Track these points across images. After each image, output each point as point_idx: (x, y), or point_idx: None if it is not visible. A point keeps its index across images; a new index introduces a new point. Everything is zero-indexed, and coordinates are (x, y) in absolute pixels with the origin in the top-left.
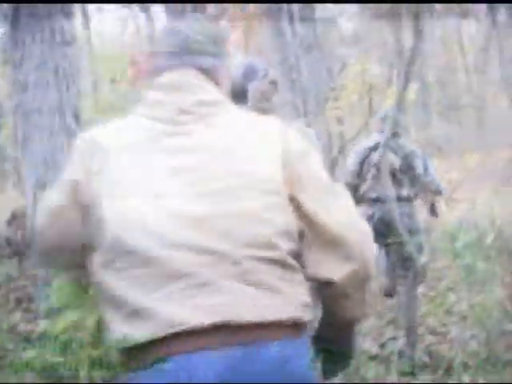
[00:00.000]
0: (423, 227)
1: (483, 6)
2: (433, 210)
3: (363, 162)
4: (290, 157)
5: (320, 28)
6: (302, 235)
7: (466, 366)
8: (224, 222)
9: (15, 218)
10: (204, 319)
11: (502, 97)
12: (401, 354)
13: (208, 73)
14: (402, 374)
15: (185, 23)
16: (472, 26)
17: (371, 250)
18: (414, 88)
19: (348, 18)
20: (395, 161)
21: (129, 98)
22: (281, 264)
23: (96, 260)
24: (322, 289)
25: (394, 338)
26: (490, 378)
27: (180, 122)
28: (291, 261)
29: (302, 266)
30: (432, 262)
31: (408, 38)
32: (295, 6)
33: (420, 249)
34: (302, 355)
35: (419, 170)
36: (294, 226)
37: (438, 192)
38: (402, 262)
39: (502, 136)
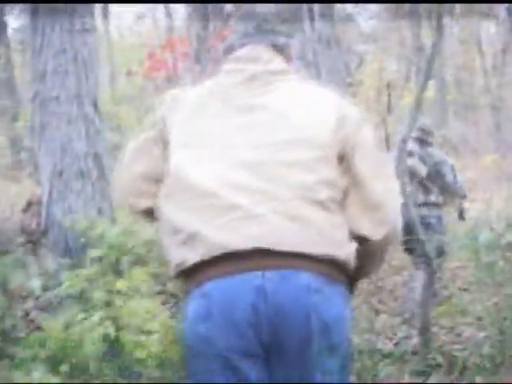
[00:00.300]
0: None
1: (503, 7)
2: (461, 215)
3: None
4: (345, 122)
5: (339, 25)
6: (345, 192)
7: (479, 368)
8: (277, 169)
9: (30, 207)
10: (247, 245)
11: None
12: (414, 353)
13: (279, 49)
14: (415, 373)
15: (261, 6)
16: (491, 27)
17: (400, 218)
18: (431, 86)
19: (367, 15)
20: (422, 169)
21: (145, 89)
22: (323, 206)
23: (161, 191)
24: (357, 242)
25: (407, 337)
26: (504, 381)
27: (248, 86)
28: (334, 206)
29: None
30: (447, 263)
31: (427, 36)
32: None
33: (441, 252)
34: (331, 292)
35: (448, 177)
36: (338, 179)
37: (464, 196)
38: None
39: None
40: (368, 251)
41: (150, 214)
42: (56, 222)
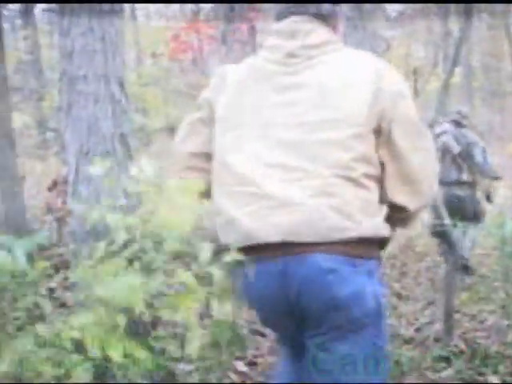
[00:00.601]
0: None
1: None
2: (488, 197)
3: None
4: (384, 95)
5: (366, 8)
6: (382, 164)
7: (503, 356)
8: (314, 147)
9: (56, 185)
10: (273, 237)
11: None
12: (436, 339)
13: (325, 18)
14: (437, 359)
15: None
16: None
17: (436, 187)
18: (458, 71)
19: None
20: (455, 147)
21: (171, 71)
22: (356, 183)
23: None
24: (394, 210)
25: (430, 323)
26: None
27: (287, 63)
28: (367, 182)
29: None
30: (472, 250)
31: (454, 22)
32: None
33: (475, 239)
34: (349, 271)
35: (478, 158)
36: (373, 154)
37: (495, 178)
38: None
39: None
40: (402, 217)
41: (201, 193)
42: (81, 201)
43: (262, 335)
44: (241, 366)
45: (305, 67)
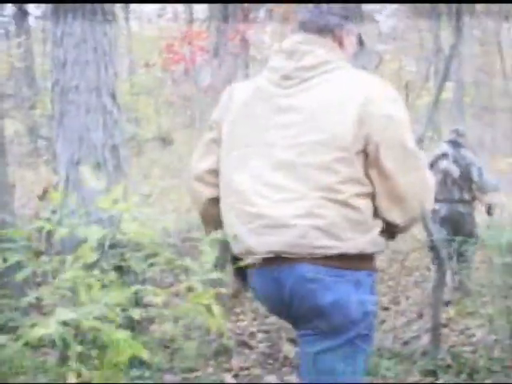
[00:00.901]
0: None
1: None
2: (489, 211)
3: (431, 168)
4: (370, 119)
5: (358, 23)
6: (374, 183)
7: (489, 371)
8: (304, 169)
9: (46, 194)
10: (267, 253)
11: None
12: (424, 353)
13: (332, 32)
14: (424, 373)
15: None
16: None
17: (430, 203)
18: (450, 87)
19: (387, 14)
20: (455, 172)
21: (163, 82)
22: (344, 204)
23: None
24: (387, 225)
25: (417, 337)
26: None
27: (283, 85)
28: (357, 202)
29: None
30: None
31: (446, 37)
32: None
33: (473, 253)
34: (332, 280)
35: (475, 178)
36: (362, 175)
37: (495, 190)
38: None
39: None
40: (396, 231)
41: (214, 203)
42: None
43: (250, 347)
44: (228, 378)
45: (299, 90)
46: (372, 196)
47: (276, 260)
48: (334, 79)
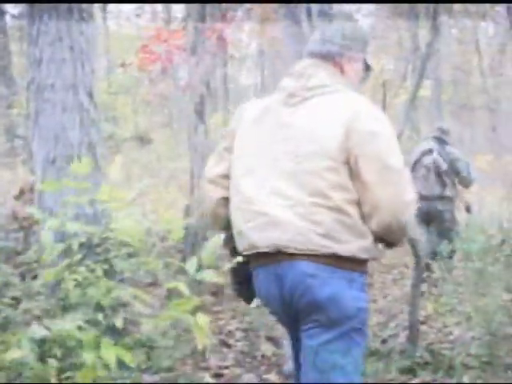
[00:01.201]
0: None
1: (502, 8)
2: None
3: (416, 163)
4: (354, 134)
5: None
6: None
7: (467, 368)
8: (301, 177)
9: (23, 194)
10: (269, 248)
11: None
12: (402, 351)
13: (333, 59)
14: (402, 371)
15: (335, 24)
16: (490, 28)
17: (406, 213)
18: (428, 85)
19: (365, 14)
20: (443, 165)
21: (140, 81)
22: (335, 210)
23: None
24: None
25: (395, 335)
26: (490, 380)
27: (288, 103)
28: (346, 206)
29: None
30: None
31: (424, 36)
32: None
33: (453, 252)
34: (328, 276)
35: (464, 172)
36: (348, 183)
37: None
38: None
39: None
40: (377, 237)
41: (224, 204)
42: (48, 210)
43: (228, 346)
44: (207, 378)
45: (301, 107)
46: (359, 203)
47: (277, 256)
48: (330, 100)
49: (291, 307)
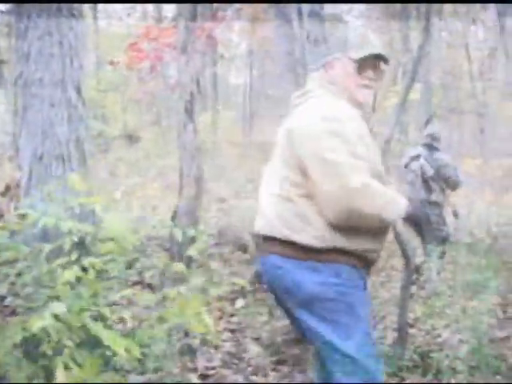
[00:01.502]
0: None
1: (492, 12)
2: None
3: (406, 167)
4: (292, 137)
5: (328, 24)
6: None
7: (455, 371)
8: (276, 175)
9: (8, 190)
10: (258, 230)
11: (506, 105)
12: (389, 354)
13: (323, 67)
14: (390, 374)
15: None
16: (479, 32)
17: (356, 200)
18: (417, 88)
19: (355, 16)
20: (429, 171)
21: (129, 78)
22: (289, 201)
23: None
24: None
25: (382, 338)
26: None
27: (289, 110)
28: (299, 199)
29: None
30: (426, 263)
31: (415, 39)
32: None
33: (443, 254)
34: (292, 267)
35: (453, 177)
36: (300, 180)
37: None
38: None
39: (502, 144)
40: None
41: None
42: (34, 206)
43: (215, 347)
44: (194, 379)
45: (291, 113)
46: (312, 196)
47: (263, 246)
48: (306, 106)
49: (275, 294)
